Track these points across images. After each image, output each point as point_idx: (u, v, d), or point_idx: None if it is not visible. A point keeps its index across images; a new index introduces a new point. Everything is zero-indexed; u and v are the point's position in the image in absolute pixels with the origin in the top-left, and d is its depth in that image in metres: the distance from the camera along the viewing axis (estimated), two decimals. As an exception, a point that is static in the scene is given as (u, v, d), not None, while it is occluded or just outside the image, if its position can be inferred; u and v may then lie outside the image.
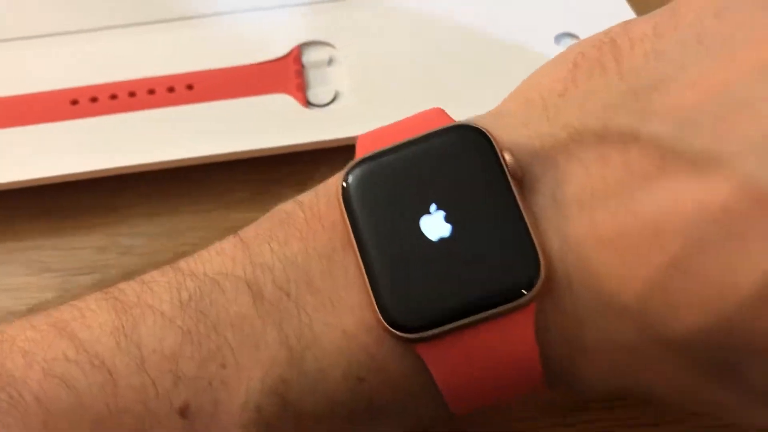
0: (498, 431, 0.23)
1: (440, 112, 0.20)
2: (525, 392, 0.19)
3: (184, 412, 0.18)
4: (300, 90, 0.30)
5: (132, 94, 0.30)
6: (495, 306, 0.17)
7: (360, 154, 0.20)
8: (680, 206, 0.17)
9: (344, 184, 0.19)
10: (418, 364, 0.18)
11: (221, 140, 0.28)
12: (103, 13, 0.32)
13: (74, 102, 0.30)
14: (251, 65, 0.31)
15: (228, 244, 0.20)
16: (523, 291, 0.17)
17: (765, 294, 0.16)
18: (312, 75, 0.31)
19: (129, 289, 0.19)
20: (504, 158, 0.18)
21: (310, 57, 0.31)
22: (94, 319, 0.19)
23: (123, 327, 0.18)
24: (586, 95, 0.19)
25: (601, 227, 0.17)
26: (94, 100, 0.30)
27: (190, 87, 0.30)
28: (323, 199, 0.20)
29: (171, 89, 0.30)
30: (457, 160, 0.18)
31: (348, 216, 0.19)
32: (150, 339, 0.18)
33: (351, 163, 0.19)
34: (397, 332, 0.18)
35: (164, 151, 0.28)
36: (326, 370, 0.18)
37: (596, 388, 0.19)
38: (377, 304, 0.18)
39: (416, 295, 0.18)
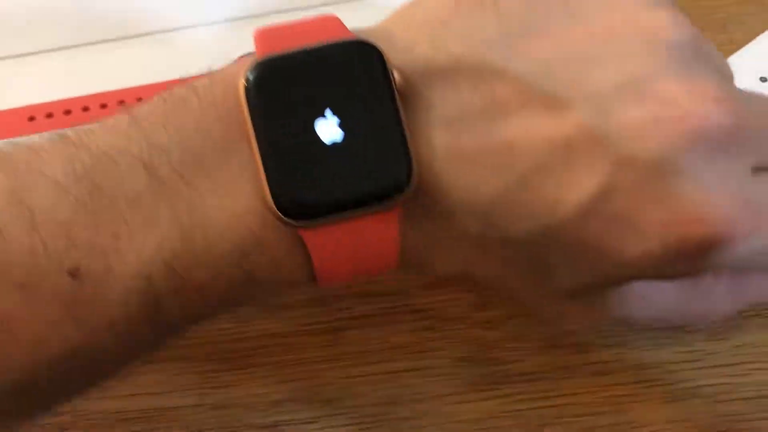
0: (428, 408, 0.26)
1: (336, 20, 0.22)
2: (380, 273, 0.22)
3: (74, 273, 0.19)
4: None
5: (86, 109, 0.32)
6: (371, 204, 0.20)
7: (259, 47, 0.21)
8: (531, 135, 0.20)
9: (245, 78, 0.20)
10: (297, 245, 0.21)
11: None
12: (57, 34, 0.34)
13: (31, 119, 0.32)
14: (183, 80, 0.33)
15: (121, 121, 0.20)
16: (395, 193, 0.20)
17: (585, 210, 0.20)
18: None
19: (16, 153, 0.20)
20: (393, 76, 0.21)
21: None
22: None
23: (14, 190, 0.19)
24: (467, 28, 0.21)
25: (465, 144, 0.20)
26: (49, 116, 0.32)
27: (121, 103, 0.32)
28: (219, 86, 0.21)
29: (122, 102, 0.32)
30: (353, 72, 0.21)
31: (247, 109, 0.20)
32: (43, 204, 0.19)
33: (252, 60, 0.21)
34: (286, 218, 0.20)
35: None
36: (214, 246, 0.20)
37: (440, 272, 0.23)
38: (270, 190, 0.20)
39: (305, 187, 0.20)
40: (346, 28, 0.22)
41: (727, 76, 0.22)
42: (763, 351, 0.27)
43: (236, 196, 0.20)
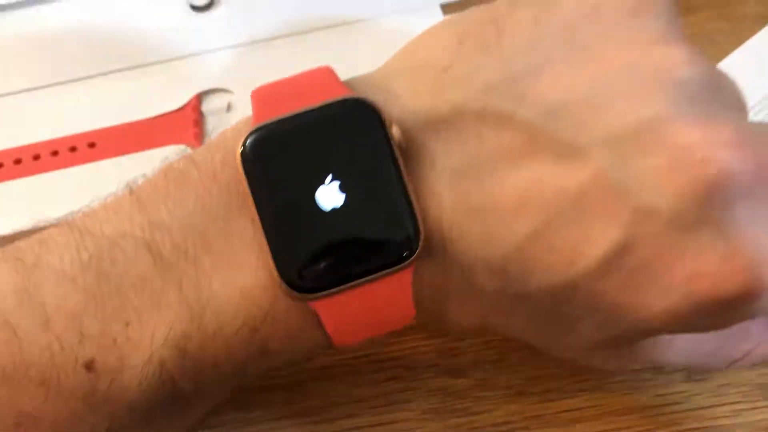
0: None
1: (330, 73, 0.21)
2: (398, 328, 0.21)
3: (89, 366, 0.19)
4: (197, 139, 0.31)
5: (36, 157, 0.31)
6: (381, 269, 0.20)
7: (256, 113, 0.20)
8: (543, 186, 0.19)
9: (243, 150, 0.20)
10: (308, 315, 0.20)
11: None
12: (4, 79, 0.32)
13: (17, 161, 0.31)
14: (151, 119, 0.32)
15: (124, 202, 0.20)
16: (405, 253, 0.20)
17: (605, 263, 0.19)
18: (211, 123, 0.32)
19: (27, 248, 0.20)
20: (391, 132, 0.20)
21: (209, 105, 0.32)
22: None
23: (26, 287, 0.19)
24: (469, 73, 0.20)
25: (473, 196, 0.20)
26: (36, 158, 0.31)
27: (92, 145, 0.31)
28: (217, 156, 0.20)
29: (73, 149, 0.31)
30: (350, 133, 0.20)
31: (246, 180, 0.19)
32: (53, 298, 0.19)
33: (249, 128, 0.20)
34: (295, 292, 0.19)
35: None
36: (224, 324, 0.20)
37: (458, 327, 0.22)
38: (276, 265, 0.19)
39: (310, 260, 0.19)
40: (340, 82, 0.21)
41: (742, 110, 0.21)
42: (748, 390, 0.26)
43: (242, 270, 0.20)
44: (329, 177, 0.20)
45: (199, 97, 0.32)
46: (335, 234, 0.19)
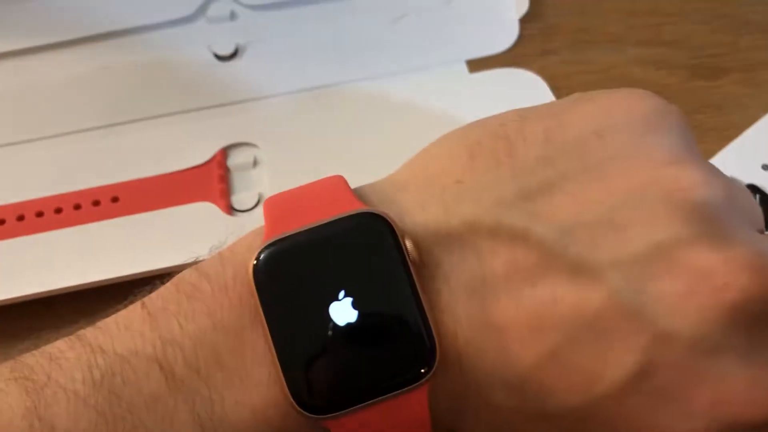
0: None
1: (342, 185, 0.21)
2: None
3: None
4: (223, 196, 0.31)
5: (58, 211, 0.31)
6: (397, 388, 0.19)
7: (268, 225, 0.20)
8: (559, 306, 0.19)
9: (256, 264, 0.20)
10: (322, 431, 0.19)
11: (144, 257, 0.29)
12: (16, 127, 0.32)
13: (1, 222, 0.30)
14: (176, 173, 0.31)
15: (135, 316, 0.20)
16: (422, 370, 0.19)
17: (625, 386, 0.19)
18: (236, 178, 0.32)
19: (37, 366, 0.20)
20: (405, 246, 0.20)
21: (235, 159, 0.32)
22: (4, 401, 0.19)
23: (35, 408, 0.19)
24: (481, 188, 0.20)
25: (489, 313, 0.19)
26: (20, 218, 0.30)
27: (115, 199, 0.31)
28: (229, 270, 0.20)
29: (97, 203, 0.31)
30: (363, 246, 0.20)
31: (258, 296, 0.19)
32: (64, 421, 0.19)
33: (260, 242, 0.20)
34: (306, 413, 0.19)
35: (87, 272, 0.28)
36: None
37: None
38: (288, 385, 0.19)
39: (323, 378, 0.19)
40: (351, 193, 0.21)
41: (759, 224, 0.21)
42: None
43: (254, 387, 0.19)
44: (342, 293, 0.19)
45: (225, 152, 0.32)
46: (349, 352, 0.19)
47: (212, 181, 0.31)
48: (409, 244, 0.20)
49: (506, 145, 0.21)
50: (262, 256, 0.20)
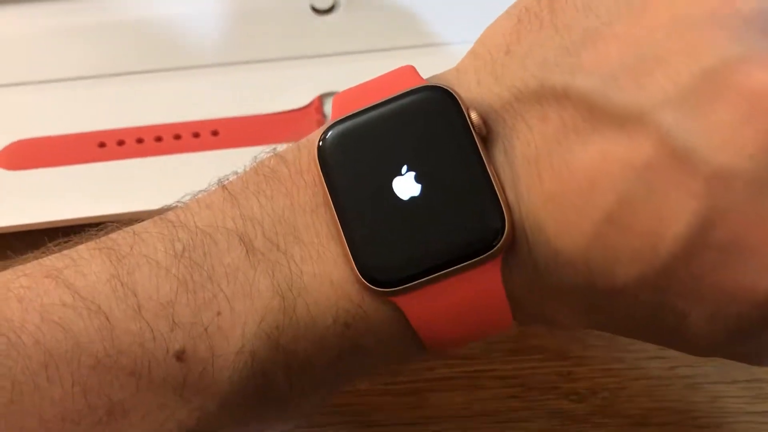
0: None
1: (411, 70, 0.21)
2: (498, 331, 0.20)
3: (180, 356, 0.19)
4: (321, 140, 0.31)
5: (158, 139, 0.31)
6: (466, 259, 0.19)
7: (335, 113, 0.21)
8: (609, 162, 0.18)
9: (320, 144, 0.20)
10: (397, 312, 0.19)
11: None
12: (130, 59, 0.33)
13: (101, 145, 0.31)
14: (274, 114, 0.32)
15: (216, 197, 0.20)
16: (491, 244, 0.19)
17: (690, 243, 0.17)
18: (332, 125, 0.32)
19: (121, 239, 0.20)
20: (470, 117, 0.19)
21: (330, 107, 0.33)
22: (88, 267, 0.19)
23: (118, 275, 0.19)
24: (526, 53, 0.20)
25: (546, 182, 0.18)
26: (121, 143, 0.31)
27: (215, 133, 0.31)
28: (305, 153, 0.21)
29: (196, 135, 0.31)
30: (426, 119, 0.19)
31: (324, 174, 0.20)
32: (146, 287, 0.19)
33: (326, 124, 0.20)
34: (375, 287, 0.19)
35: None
36: (316, 317, 0.19)
37: (570, 326, 0.21)
38: (354, 260, 0.19)
39: (392, 252, 0.19)
40: (419, 75, 0.21)
41: None
42: None
43: (331, 263, 0.19)
44: (405, 167, 0.19)
45: (321, 99, 0.33)
46: (413, 225, 0.19)
47: (310, 124, 0.32)
48: (474, 115, 0.19)
49: (548, 4, 0.20)
50: (327, 136, 0.20)
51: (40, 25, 0.33)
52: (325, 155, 0.20)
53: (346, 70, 0.33)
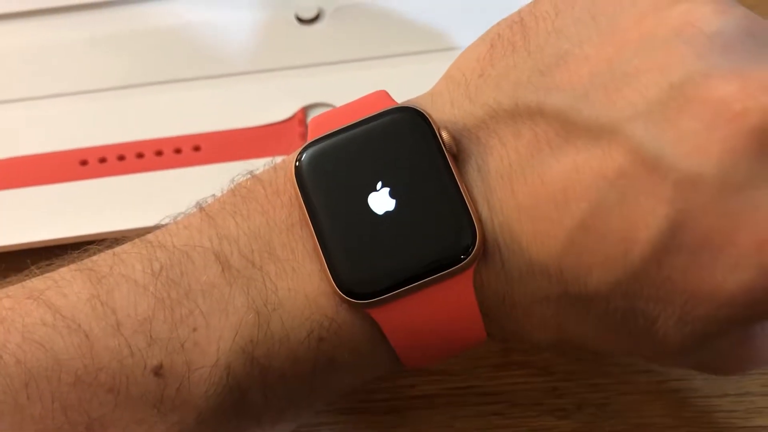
0: None
1: (384, 95, 0.22)
2: (471, 346, 0.21)
3: (157, 371, 0.19)
4: (303, 153, 0.31)
5: (140, 155, 0.31)
6: (438, 271, 0.19)
7: (311, 135, 0.21)
8: (581, 173, 0.19)
9: (297, 164, 0.21)
10: (373, 325, 0.20)
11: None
12: (109, 75, 0.32)
13: (83, 162, 0.31)
14: (257, 127, 0.32)
15: (194, 218, 0.21)
16: (462, 256, 0.19)
17: (660, 246, 0.18)
18: (316, 137, 0.32)
19: (101, 260, 0.20)
20: (441, 136, 0.20)
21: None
22: (69, 288, 0.20)
23: (98, 295, 0.19)
24: (500, 75, 0.20)
25: (519, 195, 0.19)
26: (102, 160, 0.31)
27: (197, 148, 0.31)
28: (281, 174, 0.21)
29: (178, 150, 0.31)
30: (399, 138, 0.20)
31: (302, 193, 0.20)
32: (124, 305, 0.19)
33: (302, 146, 0.21)
34: (351, 299, 0.19)
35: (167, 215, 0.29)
36: (290, 331, 0.20)
37: (539, 341, 0.21)
38: (331, 273, 0.20)
39: (366, 265, 0.20)
40: (391, 99, 0.22)
41: None
42: None
43: (306, 277, 0.20)
44: (380, 183, 0.20)
45: (305, 111, 0.32)
46: (388, 239, 0.20)
47: (293, 137, 0.31)
48: (445, 134, 0.20)
49: (521, 29, 0.21)
50: (303, 157, 0.21)
51: (15, 44, 0.33)
52: (301, 174, 0.21)
53: (330, 81, 0.33)
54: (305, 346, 0.20)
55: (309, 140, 0.21)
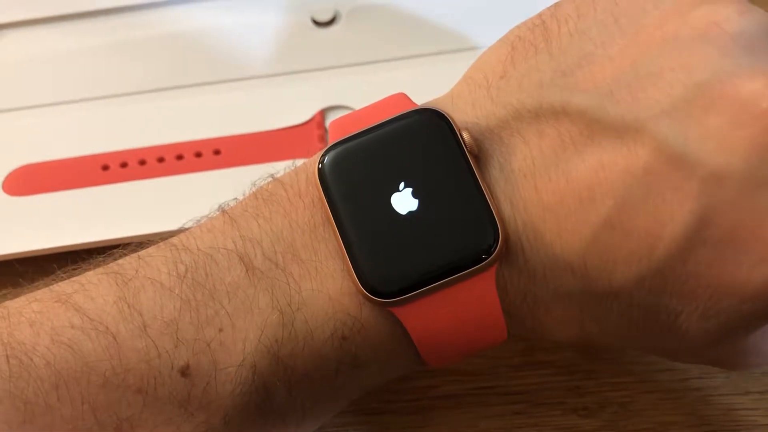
0: None
1: (403, 97, 0.22)
2: (492, 344, 0.21)
3: (184, 371, 0.19)
4: (323, 156, 0.31)
5: (161, 160, 0.31)
6: (460, 270, 0.20)
7: (333, 138, 0.21)
8: (607, 170, 0.19)
9: (320, 166, 0.21)
10: (396, 323, 0.20)
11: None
12: (128, 80, 0.33)
13: (105, 167, 0.31)
14: (276, 130, 0.32)
15: (217, 221, 0.21)
16: (484, 255, 0.20)
17: (686, 241, 0.18)
18: (335, 139, 0.32)
19: (127, 264, 0.21)
20: (462, 137, 0.20)
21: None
22: (96, 291, 0.20)
23: (125, 297, 0.20)
24: (522, 76, 0.21)
25: (543, 193, 0.19)
26: (124, 165, 0.31)
27: (217, 152, 0.31)
28: (302, 177, 0.21)
29: (199, 154, 0.31)
30: (420, 140, 0.20)
31: (325, 195, 0.20)
32: (151, 307, 0.20)
33: (324, 148, 0.21)
34: (375, 297, 0.20)
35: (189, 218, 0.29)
36: (314, 330, 0.20)
37: (557, 338, 0.21)
38: (355, 272, 0.20)
39: (390, 264, 0.20)
40: (411, 101, 0.22)
41: None
42: None
43: (329, 278, 0.20)
44: (402, 184, 0.20)
45: (323, 113, 0.32)
46: (410, 238, 0.20)
47: (312, 140, 0.31)
48: (466, 135, 0.20)
49: (542, 31, 0.21)
50: (326, 158, 0.21)
51: (36, 50, 0.33)
52: (324, 176, 0.21)
53: (348, 83, 0.33)
54: (329, 344, 0.20)
55: (330, 143, 0.21)
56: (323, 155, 0.21)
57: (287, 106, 0.32)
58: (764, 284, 0.18)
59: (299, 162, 0.24)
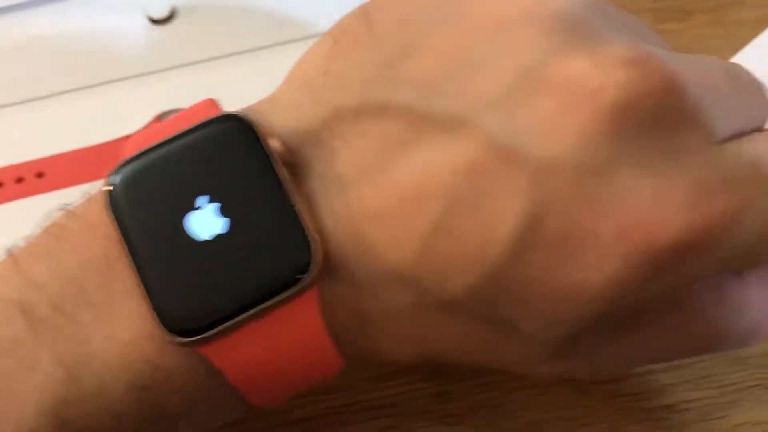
0: None
1: (210, 102, 0.20)
2: (327, 374, 0.19)
3: None
4: (160, 166, 0.28)
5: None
6: (274, 295, 0.17)
7: (126, 153, 0.19)
8: (434, 170, 0.17)
9: (109, 189, 0.18)
10: (206, 364, 0.18)
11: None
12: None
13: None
14: (108, 143, 0.29)
15: (2, 266, 0.19)
16: (298, 276, 0.17)
17: (517, 243, 0.16)
18: (174, 147, 0.29)
19: None
20: (268, 146, 0.18)
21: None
22: None
23: None
24: (345, 71, 0.19)
25: (368, 200, 0.17)
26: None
27: (40, 175, 0.28)
28: (95, 206, 0.19)
29: (20, 179, 0.28)
30: (223, 151, 0.18)
31: (118, 223, 0.18)
32: None
33: (116, 166, 0.19)
34: (178, 337, 0.17)
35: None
36: (107, 384, 0.17)
37: (398, 359, 0.19)
38: (156, 311, 0.17)
39: (192, 297, 0.17)
40: (217, 107, 0.19)
41: (646, 38, 0.18)
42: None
43: (124, 320, 0.18)
44: (205, 201, 0.18)
45: (160, 119, 0.30)
46: (213, 264, 0.17)
47: (147, 150, 0.29)
48: (275, 143, 0.18)
49: (365, 22, 0.19)
50: (115, 179, 0.18)
51: None
52: (115, 201, 0.18)
53: (188, 84, 0.31)
54: (126, 399, 0.17)
55: (122, 159, 0.19)
56: (113, 175, 0.18)
57: (120, 115, 0.30)
58: (604, 284, 0.16)
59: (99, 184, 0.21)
